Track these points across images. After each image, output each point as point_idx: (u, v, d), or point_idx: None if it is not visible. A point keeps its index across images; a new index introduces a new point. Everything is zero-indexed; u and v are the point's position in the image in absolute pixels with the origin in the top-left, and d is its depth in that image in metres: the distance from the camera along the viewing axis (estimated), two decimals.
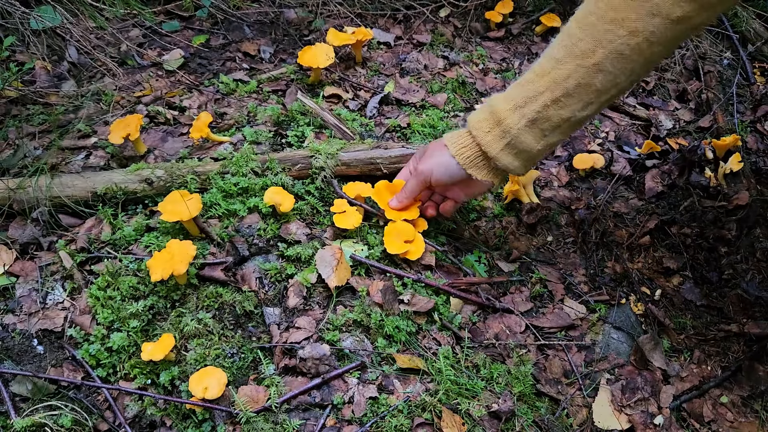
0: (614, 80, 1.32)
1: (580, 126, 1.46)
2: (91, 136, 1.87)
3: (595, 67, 1.31)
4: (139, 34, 2.32)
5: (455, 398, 1.39)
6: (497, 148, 1.44)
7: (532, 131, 1.40)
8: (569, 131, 1.44)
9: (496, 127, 1.43)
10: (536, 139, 1.41)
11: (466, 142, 1.49)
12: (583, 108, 1.37)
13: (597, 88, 1.33)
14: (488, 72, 2.44)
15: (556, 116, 1.37)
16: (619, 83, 1.33)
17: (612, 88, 1.34)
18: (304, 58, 2.01)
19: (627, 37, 1.26)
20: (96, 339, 1.41)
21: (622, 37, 1.27)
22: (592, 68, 1.31)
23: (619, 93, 1.38)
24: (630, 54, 1.28)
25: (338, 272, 1.52)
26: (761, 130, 2.29)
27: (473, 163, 1.49)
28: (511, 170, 1.49)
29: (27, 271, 1.53)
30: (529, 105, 1.38)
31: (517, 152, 1.44)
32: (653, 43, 1.27)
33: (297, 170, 1.71)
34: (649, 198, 1.96)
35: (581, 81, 1.33)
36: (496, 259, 1.75)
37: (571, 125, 1.41)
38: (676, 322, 1.68)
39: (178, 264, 1.40)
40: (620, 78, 1.32)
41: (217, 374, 1.31)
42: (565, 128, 1.41)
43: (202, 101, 2.03)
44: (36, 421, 1.28)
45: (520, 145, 1.42)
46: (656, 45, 1.27)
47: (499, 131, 1.43)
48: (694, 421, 1.50)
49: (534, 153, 1.44)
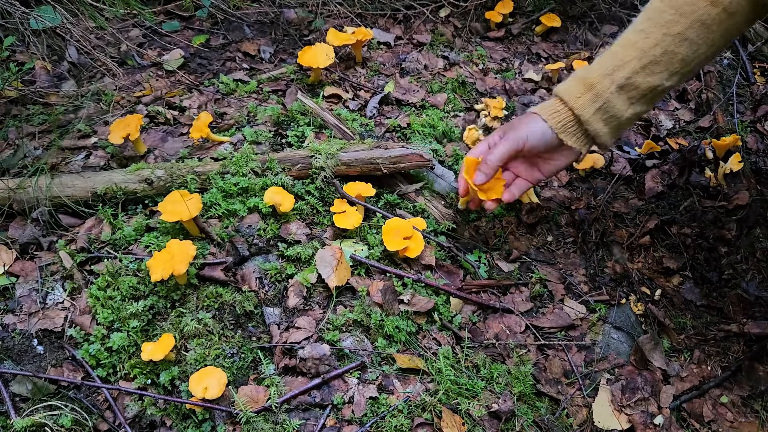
0: (697, 50, 1.42)
1: (662, 97, 1.57)
2: (91, 136, 1.87)
3: (679, 36, 1.41)
4: (139, 34, 2.32)
5: (455, 398, 1.39)
6: (590, 112, 1.49)
7: (621, 98, 1.47)
8: (653, 101, 1.51)
9: (588, 92, 1.48)
10: (625, 105, 1.48)
11: (558, 107, 1.53)
12: (669, 77, 1.45)
13: (682, 57, 1.43)
14: (488, 72, 2.44)
15: (644, 84, 1.45)
16: (701, 54, 1.43)
17: (695, 58, 1.43)
18: (304, 58, 2.01)
19: (707, 8, 1.38)
20: (96, 339, 1.41)
21: (702, 8, 1.38)
22: (676, 37, 1.41)
23: (700, 64, 1.47)
24: (711, 24, 1.39)
25: (338, 272, 1.52)
26: (761, 130, 2.29)
27: (565, 127, 1.52)
28: (601, 137, 1.52)
29: (27, 271, 1.53)
30: (618, 72, 1.46)
31: (608, 117, 1.49)
32: (731, 14, 1.38)
33: (297, 170, 1.71)
34: (649, 198, 1.96)
35: (667, 49, 1.42)
36: (496, 259, 1.75)
37: (656, 95, 1.49)
38: (676, 322, 1.68)
39: (178, 264, 1.40)
40: (702, 48, 1.42)
41: (217, 374, 1.31)
42: (650, 97, 1.49)
43: (202, 101, 2.03)
44: (36, 421, 1.28)
45: (611, 110, 1.48)
46: (734, 16, 1.38)
47: (591, 95, 1.48)
48: (694, 421, 1.50)
49: (623, 120, 1.50)
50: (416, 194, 1.79)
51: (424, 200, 1.79)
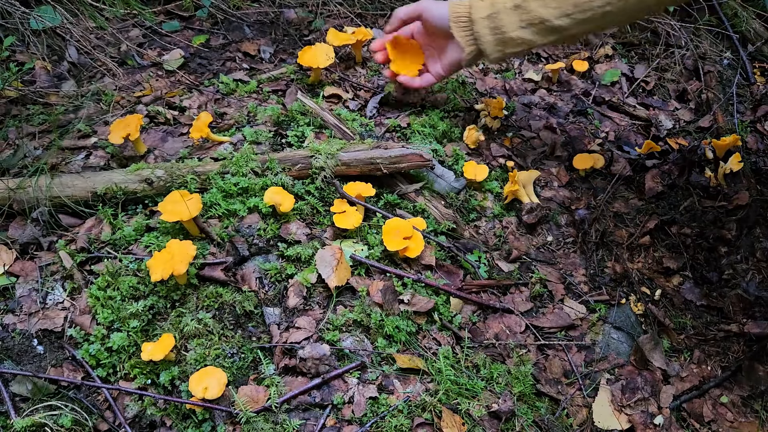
0: (591, 1, 1.57)
1: (552, 37, 1.67)
2: (91, 136, 1.87)
3: None
4: (139, 34, 2.32)
5: (455, 398, 1.39)
6: (481, 15, 1.69)
7: (512, 16, 1.65)
8: (541, 37, 1.67)
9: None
10: (513, 24, 1.66)
11: (464, 3, 1.73)
12: (558, 16, 1.61)
13: (575, 0, 1.59)
14: (488, 72, 2.44)
15: (535, 12, 1.63)
16: (594, 8, 1.57)
17: (588, 10, 1.58)
18: (304, 58, 2.01)
19: None
20: (96, 339, 1.41)
21: None
22: None
23: (592, 23, 1.61)
24: None
25: (338, 272, 1.52)
26: (761, 130, 2.29)
27: (458, 20, 1.73)
28: (483, 43, 1.71)
29: (27, 271, 1.53)
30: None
31: (494, 27, 1.68)
32: None
33: (297, 170, 1.71)
34: (649, 198, 1.96)
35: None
36: (496, 259, 1.75)
37: (545, 31, 1.65)
38: (676, 322, 1.68)
39: (178, 264, 1.40)
40: (596, 2, 1.56)
41: (217, 374, 1.31)
42: (540, 29, 1.65)
43: (202, 101, 2.03)
44: (36, 421, 1.28)
45: (499, 21, 1.67)
46: None
47: (489, 2, 1.68)
48: (694, 421, 1.50)
49: (506, 38, 1.68)
50: (416, 194, 1.80)
51: (424, 200, 1.79)
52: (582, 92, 2.43)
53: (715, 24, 2.78)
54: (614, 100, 2.42)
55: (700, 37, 2.72)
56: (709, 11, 2.78)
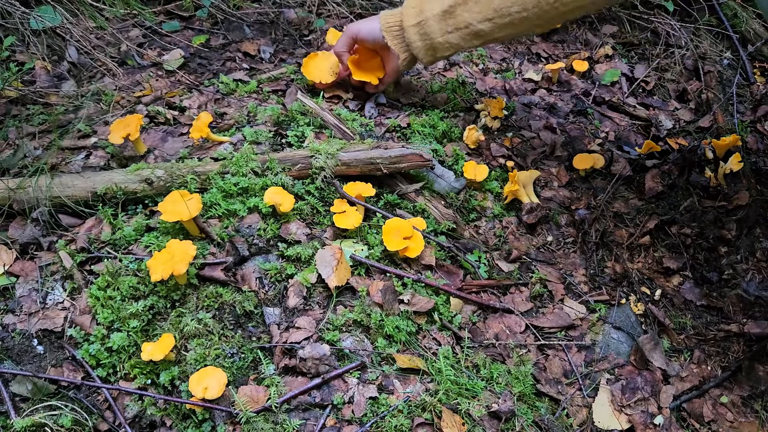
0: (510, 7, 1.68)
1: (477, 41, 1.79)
2: (91, 136, 1.87)
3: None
4: (139, 34, 2.32)
5: (455, 398, 1.39)
6: (410, 23, 1.80)
7: (440, 23, 1.76)
8: (467, 41, 1.79)
9: (418, 6, 1.79)
10: (441, 30, 1.78)
11: (395, 13, 1.85)
12: (481, 20, 1.72)
13: (495, 6, 1.69)
14: (488, 72, 2.44)
15: (461, 17, 1.74)
16: (512, 14, 1.68)
17: (506, 15, 1.69)
18: (308, 69, 2.00)
19: None
20: (96, 339, 1.41)
21: None
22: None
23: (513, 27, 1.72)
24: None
25: (338, 272, 1.52)
26: (761, 130, 2.29)
27: (391, 29, 1.84)
28: (414, 49, 1.83)
29: (27, 271, 1.53)
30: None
31: (423, 34, 1.80)
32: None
33: (297, 170, 1.71)
34: (649, 198, 1.96)
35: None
36: (496, 259, 1.75)
37: (470, 35, 1.76)
38: (676, 322, 1.68)
39: (178, 264, 1.40)
40: (514, 8, 1.67)
41: (217, 374, 1.31)
42: (464, 34, 1.77)
43: (202, 101, 2.03)
44: (36, 421, 1.28)
45: (427, 28, 1.78)
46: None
47: (418, 10, 1.79)
48: (694, 421, 1.50)
49: (435, 43, 1.81)
50: (416, 194, 1.80)
51: (424, 200, 1.79)
52: (582, 92, 2.43)
53: (715, 24, 2.78)
54: (614, 100, 2.42)
55: (700, 37, 2.72)
56: (709, 11, 2.78)
